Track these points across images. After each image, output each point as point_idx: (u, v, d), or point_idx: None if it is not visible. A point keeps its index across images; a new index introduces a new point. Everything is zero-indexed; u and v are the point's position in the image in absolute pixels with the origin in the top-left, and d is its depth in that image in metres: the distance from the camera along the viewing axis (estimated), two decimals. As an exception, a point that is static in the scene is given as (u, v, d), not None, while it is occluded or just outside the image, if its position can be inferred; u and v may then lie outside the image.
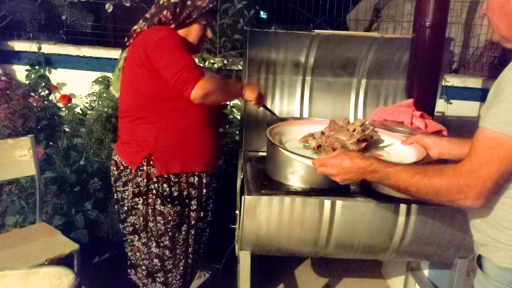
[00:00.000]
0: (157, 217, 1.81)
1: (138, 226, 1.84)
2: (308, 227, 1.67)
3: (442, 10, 1.96)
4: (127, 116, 1.81)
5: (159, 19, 1.76)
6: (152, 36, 1.70)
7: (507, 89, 1.00)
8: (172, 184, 1.80)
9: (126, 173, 1.80)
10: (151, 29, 1.77)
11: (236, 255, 2.08)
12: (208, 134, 1.85)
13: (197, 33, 1.82)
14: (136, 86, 1.75)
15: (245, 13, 3.04)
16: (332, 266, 2.95)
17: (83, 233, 2.58)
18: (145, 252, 1.86)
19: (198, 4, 1.77)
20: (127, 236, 1.90)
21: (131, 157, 1.79)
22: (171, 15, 1.75)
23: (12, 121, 2.84)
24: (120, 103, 1.86)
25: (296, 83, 2.35)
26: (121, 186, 1.83)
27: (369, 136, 1.60)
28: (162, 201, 1.80)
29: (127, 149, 1.81)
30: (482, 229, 1.15)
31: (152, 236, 1.84)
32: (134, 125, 1.78)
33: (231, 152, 2.86)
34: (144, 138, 1.76)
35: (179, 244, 1.89)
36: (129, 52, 1.78)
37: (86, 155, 2.85)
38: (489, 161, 1.01)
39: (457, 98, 2.84)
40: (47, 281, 1.45)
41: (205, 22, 1.83)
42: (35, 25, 3.47)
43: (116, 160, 1.85)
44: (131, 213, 1.84)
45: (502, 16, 1.11)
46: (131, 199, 1.82)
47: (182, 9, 1.76)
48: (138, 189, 1.79)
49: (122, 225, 1.90)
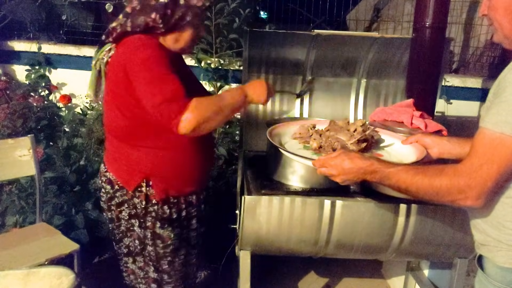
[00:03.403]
0: (156, 241, 1.65)
1: (133, 249, 1.69)
2: (308, 227, 1.67)
3: (442, 10, 1.97)
4: (117, 135, 1.59)
5: (146, 23, 1.48)
6: (135, 54, 1.43)
7: (507, 89, 1.00)
8: (172, 205, 1.64)
9: (123, 193, 1.61)
10: (133, 40, 1.48)
11: (236, 255, 2.08)
12: (204, 151, 1.69)
13: (189, 36, 1.57)
14: (121, 109, 1.52)
15: (240, 12, 3.03)
16: (332, 266, 2.94)
17: (83, 233, 2.58)
18: (141, 276, 1.73)
19: (192, 4, 1.51)
20: (122, 257, 1.76)
21: (127, 178, 1.59)
22: (161, 19, 1.48)
23: (12, 121, 2.84)
24: (105, 119, 1.62)
25: (296, 83, 2.35)
26: (116, 206, 1.65)
27: (370, 136, 1.60)
28: (162, 224, 1.63)
29: (122, 167, 1.61)
30: (483, 229, 1.15)
31: (150, 261, 1.69)
32: (126, 147, 1.57)
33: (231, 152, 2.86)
34: (140, 161, 1.57)
35: (178, 269, 1.75)
36: (114, 62, 1.53)
37: (86, 155, 2.85)
38: (490, 161, 1.01)
39: (457, 98, 2.85)
40: (47, 281, 1.45)
41: (198, 22, 1.58)
42: (35, 25, 3.48)
43: (110, 178, 1.63)
44: (126, 234, 1.69)
45: (506, 16, 1.09)
46: (127, 221, 1.65)
47: (174, 11, 1.49)
48: (134, 210, 1.61)
49: (117, 245, 1.76)
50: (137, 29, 1.50)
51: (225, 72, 3.14)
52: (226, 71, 3.14)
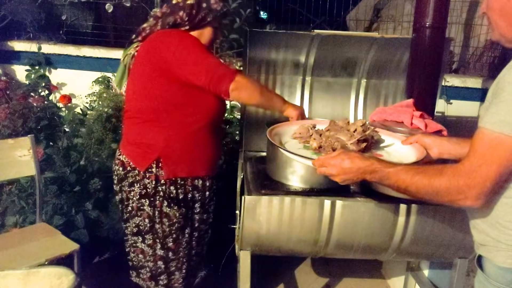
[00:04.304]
0: (163, 219, 1.80)
1: (143, 228, 1.82)
2: (308, 227, 1.67)
3: (442, 10, 1.97)
4: (136, 117, 1.79)
5: (174, 19, 1.75)
6: (170, 40, 1.68)
7: (505, 89, 1.00)
8: (179, 186, 1.80)
9: (134, 174, 1.78)
10: (165, 32, 1.75)
11: (236, 255, 2.08)
12: (213, 139, 1.85)
13: (209, 36, 1.83)
14: (148, 89, 1.73)
15: (241, 12, 3.03)
16: (332, 266, 2.95)
17: (83, 233, 2.58)
18: (149, 254, 1.85)
19: (213, 7, 1.78)
20: (130, 237, 1.88)
21: (139, 159, 1.77)
22: (187, 16, 1.74)
23: (12, 121, 2.84)
24: (127, 103, 1.84)
25: (296, 83, 2.35)
26: (127, 187, 1.81)
27: (370, 137, 1.60)
28: (169, 203, 1.79)
29: (135, 149, 1.79)
30: (482, 229, 1.15)
31: (157, 238, 1.82)
32: (144, 127, 1.76)
33: (231, 152, 2.86)
34: (154, 141, 1.75)
35: (182, 247, 1.88)
36: (140, 53, 1.76)
37: (86, 155, 2.85)
38: (489, 161, 1.01)
39: (457, 98, 2.84)
40: (47, 281, 1.45)
41: (217, 25, 1.83)
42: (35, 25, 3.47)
43: (123, 160, 1.82)
44: (136, 214, 1.82)
45: (502, 15, 1.11)
46: (137, 200, 1.80)
47: (198, 12, 1.76)
48: (145, 190, 1.78)
49: (124, 225, 1.89)
50: (166, 27, 1.76)
51: None
52: None
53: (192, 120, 1.75)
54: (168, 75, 1.68)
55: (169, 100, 1.72)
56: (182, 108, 1.73)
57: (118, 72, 1.93)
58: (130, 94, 1.81)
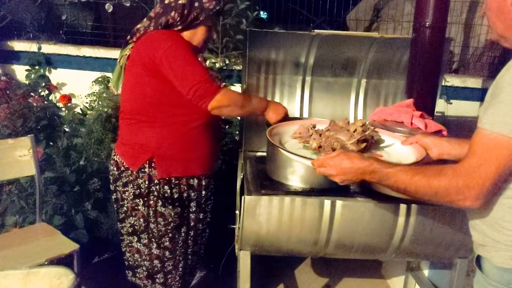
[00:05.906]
0: (158, 219, 1.81)
1: (138, 227, 1.83)
2: (308, 227, 1.67)
3: (442, 10, 1.96)
4: (130, 118, 1.80)
5: (167, 20, 1.74)
6: (160, 43, 1.68)
7: (504, 90, 1.00)
8: (173, 186, 1.80)
9: (127, 174, 1.80)
10: (157, 33, 1.74)
11: (236, 255, 2.08)
12: (209, 138, 1.86)
13: (202, 35, 1.82)
14: (140, 89, 1.74)
15: (248, 14, 3.04)
16: (332, 266, 2.95)
17: (83, 233, 2.58)
18: (145, 253, 1.86)
19: (205, 6, 1.76)
20: (125, 237, 1.89)
21: (132, 159, 1.78)
22: (179, 16, 1.74)
23: (12, 121, 2.84)
24: (121, 104, 1.85)
25: (296, 83, 2.35)
26: (121, 187, 1.82)
27: (370, 137, 1.60)
28: (163, 202, 1.80)
29: (129, 150, 1.80)
30: (481, 229, 1.15)
31: (153, 238, 1.83)
32: (137, 127, 1.78)
33: (231, 152, 2.86)
34: (146, 142, 1.76)
35: (178, 246, 1.89)
36: (133, 54, 1.76)
37: (86, 155, 2.85)
38: (488, 161, 1.01)
39: (457, 98, 2.84)
40: (47, 281, 1.45)
41: (210, 24, 1.83)
42: (35, 25, 3.47)
43: (116, 160, 1.84)
44: (131, 214, 1.83)
45: (499, 15, 1.11)
46: (132, 200, 1.81)
47: (190, 11, 1.74)
48: (139, 190, 1.79)
49: (120, 225, 1.90)
50: (158, 27, 1.75)
51: (230, 72, 3.17)
52: (231, 71, 3.17)
53: (186, 119, 1.76)
54: (159, 76, 1.69)
55: (162, 100, 1.72)
56: (175, 108, 1.73)
57: (115, 73, 1.94)
58: (125, 95, 1.82)
